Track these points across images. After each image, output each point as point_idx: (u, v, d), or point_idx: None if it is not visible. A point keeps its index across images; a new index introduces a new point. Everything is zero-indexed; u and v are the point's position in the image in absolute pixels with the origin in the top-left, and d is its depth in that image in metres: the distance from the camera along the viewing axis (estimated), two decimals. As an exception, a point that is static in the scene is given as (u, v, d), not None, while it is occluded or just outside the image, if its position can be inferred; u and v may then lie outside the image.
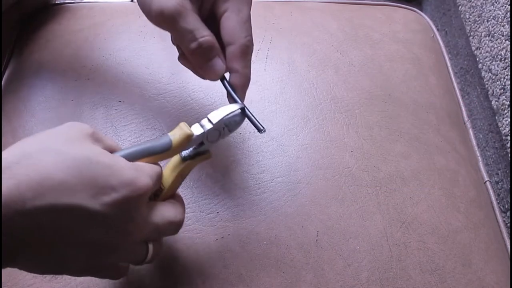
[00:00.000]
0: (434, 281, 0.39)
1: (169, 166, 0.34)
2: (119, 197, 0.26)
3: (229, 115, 0.34)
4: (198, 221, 0.41)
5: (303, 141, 0.46)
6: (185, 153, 0.33)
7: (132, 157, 0.30)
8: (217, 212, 0.41)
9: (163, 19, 0.34)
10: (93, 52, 0.52)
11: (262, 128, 0.35)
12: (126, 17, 0.55)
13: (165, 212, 0.31)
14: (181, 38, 0.35)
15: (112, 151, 0.30)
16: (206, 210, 0.41)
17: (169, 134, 0.32)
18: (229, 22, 0.36)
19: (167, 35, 0.38)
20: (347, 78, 0.52)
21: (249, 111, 0.35)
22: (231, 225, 0.41)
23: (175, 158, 0.34)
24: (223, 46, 0.36)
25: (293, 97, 0.50)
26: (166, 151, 0.31)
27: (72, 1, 0.59)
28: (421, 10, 0.64)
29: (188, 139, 0.32)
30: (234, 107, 0.34)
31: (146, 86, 0.49)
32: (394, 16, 0.61)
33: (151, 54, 0.52)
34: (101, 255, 0.28)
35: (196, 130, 0.33)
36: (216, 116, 0.33)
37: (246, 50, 0.36)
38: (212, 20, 0.37)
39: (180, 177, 0.33)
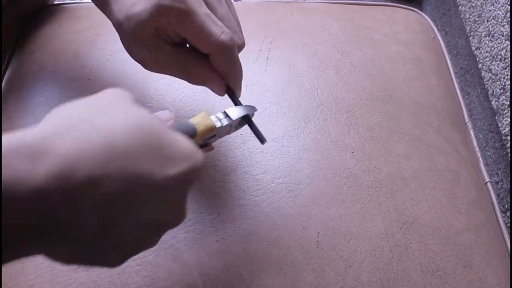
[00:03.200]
0: (435, 282, 0.39)
1: None
2: (182, 169, 0.24)
3: (246, 115, 0.34)
4: (198, 222, 0.41)
5: (304, 142, 0.46)
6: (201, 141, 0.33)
7: None
8: (218, 213, 0.41)
9: (164, 16, 0.31)
10: (94, 52, 0.51)
11: (264, 139, 0.35)
12: (126, 17, 0.55)
13: None
14: (203, 31, 0.31)
15: None
16: (206, 211, 0.41)
17: (192, 122, 0.31)
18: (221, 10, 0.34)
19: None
20: (348, 79, 0.52)
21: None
22: (231, 226, 0.41)
23: None
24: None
25: (294, 98, 0.50)
26: (191, 139, 0.31)
27: (73, 1, 0.59)
28: (421, 10, 0.64)
29: (211, 131, 0.32)
30: (252, 109, 0.35)
31: (146, 86, 0.49)
32: (395, 16, 0.61)
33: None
34: (152, 235, 0.26)
35: (216, 122, 0.32)
36: (235, 112, 0.33)
37: (230, 50, 0.33)
38: None
39: None
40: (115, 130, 0.21)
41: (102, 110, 0.23)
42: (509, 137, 0.68)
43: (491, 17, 0.76)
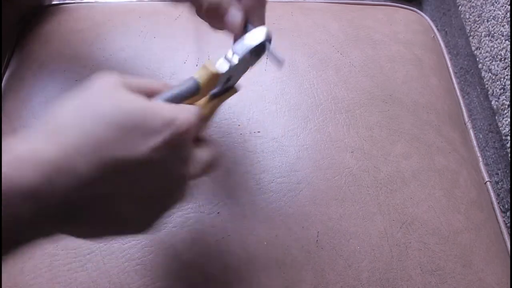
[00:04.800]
0: (434, 281, 0.39)
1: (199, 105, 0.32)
2: (164, 137, 0.25)
3: (255, 46, 0.31)
4: (198, 222, 0.41)
5: (304, 142, 0.46)
6: (212, 91, 0.32)
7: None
8: (218, 213, 0.41)
9: None
10: (93, 52, 0.51)
11: (281, 60, 0.32)
12: (126, 17, 0.55)
13: (206, 151, 0.30)
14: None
15: (149, 93, 0.29)
16: (206, 210, 0.41)
17: (195, 76, 0.30)
18: None
19: (167, 35, 0.38)
20: (348, 79, 0.52)
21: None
22: (231, 225, 0.41)
23: (203, 98, 0.32)
24: None
25: (293, 98, 0.50)
26: (195, 95, 0.30)
27: (72, 1, 0.59)
28: (421, 10, 0.64)
29: (215, 79, 0.30)
30: (261, 34, 0.31)
31: (146, 86, 0.49)
32: (395, 16, 0.61)
33: (151, 54, 0.52)
34: (162, 203, 0.28)
35: (222, 66, 0.31)
36: (241, 47, 0.31)
37: (261, 1, 0.34)
38: None
39: (208, 117, 0.32)
40: (93, 125, 0.24)
41: (86, 108, 0.25)
42: (509, 137, 0.68)
43: (491, 17, 0.76)
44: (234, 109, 0.47)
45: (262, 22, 0.35)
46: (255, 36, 0.31)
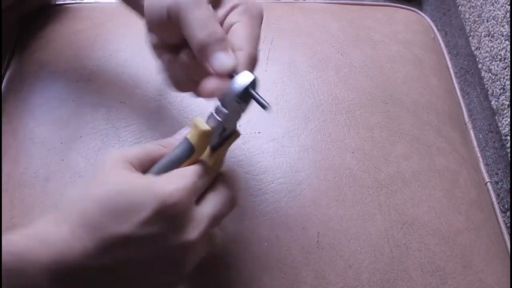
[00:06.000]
0: (435, 282, 0.40)
1: (202, 159, 0.32)
2: (153, 212, 0.27)
3: (247, 88, 0.30)
4: (199, 222, 0.41)
5: (304, 142, 0.46)
6: (212, 142, 0.32)
7: (162, 173, 0.30)
8: (218, 213, 0.41)
9: (175, 12, 0.31)
10: (94, 52, 0.51)
11: (267, 105, 0.30)
12: (126, 17, 0.55)
13: (215, 197, 0.31)
14: (191, 28, 0.31)
15: (148, 162, 0.31)
16: (207, 211, 0.41)
17: (188, 136, 0.31)
18: (242, 30, 0.33)
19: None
20: (348, 79, 0.52)
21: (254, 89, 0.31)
22: (232, 226, 0.41)
23: (206, 151, 0.32)
24: None
25: (294, 98, 0.50)
26: (192, 155, 0.31)
27: (73, 2, 0.59)
28: (421, 10, 0.64)
29: (207, 136, 0.30)
30: (245, 80, 0.30)
31: (147, 86, 0.49)
32: (395, 16, 0.61)
33: (151, 55, 0.51)
34: (175, 270, 0.30)
35: (212, 121, 0.30)
36: (228, 97, 0.30)
37: (253, 61, 0.33)
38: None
39: (216, 167, 0.32)
40: (85, 208, 0.27)
41: (86, 195, 0.28)
42: (509, 137, 0.68)
43: (491, 17, 0.76)
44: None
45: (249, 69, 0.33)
46: (240, 83, 0.30)
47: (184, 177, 0.29)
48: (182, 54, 0.34)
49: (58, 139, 0.45)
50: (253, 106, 0.34)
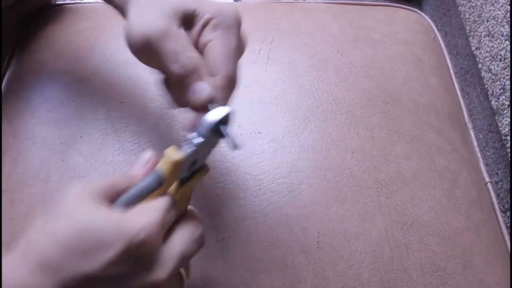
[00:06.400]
0: (435, 282, 0.40)
1: (169, 192, 0.31)
2: (120, 250, 0.26)
3: (218, 124, 0.30)
4: (199, 223, 0.41)
5: (304, 142, 0.46)
6: (181, 175, 0.31)
7: (129, 204, 0.29)
8: (218, 214, 0.41)
9: (148, 45, 0.31)
10: (94, 53, 0.51)
11: (238, 144, 0.30)
12: (126, 17, 0.55)
13: (183, 235, 0.30)
14: (164, 61, 0.31)
15: (115, 194, 0.29)
16: (206, 211, 0.41)
17: (157, 167, 0.30)
18: (215, 51, 0.32)
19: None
20: (348, 79, 0.52)
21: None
22: (232, 226, 0.41)
23: (174, 185, 0.31)
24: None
25: (294, 98, 0.50)
26: (160, 187, 0.29)
27: (73, 2, 0.59)
28: (421, 10, 0.64)
29: (177, 167, 0.29)
30: (220, 114, 0.30)
31: (146, 87, 0.49)
32: (395, 16, 0.61)
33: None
34: None
35: (185, 150, 0.29)
36: (202, 128, 0.30)
37: (231, 83, 0.32)
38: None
39: (183, 201, 0.32)
40: (47, 247, 0.26)
41: (47, 233, 0.27)
42: (509, 137, 0.68)
43: (491, 17, 0.76)
44: (234, 109, 0.47)
45: (226, 103, 0.33)
46: (215, 116, 0.30)
47: (151, 213, 0.28)
48: (164, 82, 0.34)
49: (58, 139, 0.45)
50: (254, 107, 0.34)
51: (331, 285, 0.38)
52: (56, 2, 0.59)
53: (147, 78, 0.49)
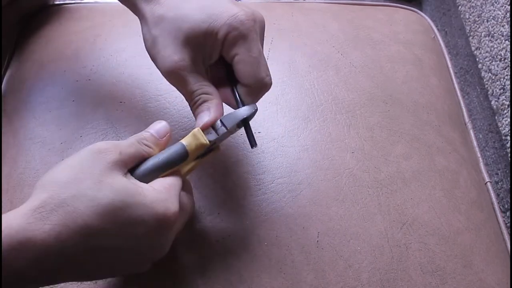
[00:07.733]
0: (435, 282, 0.40)
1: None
2: (152, 229, 0.29)
3: (243, 121, 0.34)
4: (199, 222, 0.41)
5: (304, 142, 0.46)
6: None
7: (153, 173, 0.32)
8: (218, 213, 0.41)
9: (167, 78, 0.36)
10: (94, 52, 0.51)
11: (255, 144, 0.35)
12: (126, 17, 0.55)
13: (183, 208, 0.34)
14: (182, 92, 0.36)
15: (134, 160, 0.32)
16: (207, 211, 0.41)
17: (184, 142, 0.33)
18: (241, 65, 0.34)
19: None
20: (348, 79, 0.52)
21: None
22: (232, 226, 0.41)
23: None
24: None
25: (294, 98, 0.50)
26: (183, 162, 0.33)
27: (73, 2, 0.59)
28: (421, 10, 0.64)
29: (203, 148, 0.33)
30: (250, 110, 0.35)
31: (146, 86, 0.49)
32: (395, 17, 0.61)
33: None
34: (146, 262, 0.32)
35: (210, 135, 0.34)
36: (230, 120, 0.34)
37: (260, 88, 0.36)
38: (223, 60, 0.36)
39: (189, 173, 0.35)
40: (89, 214, 0.27)
41: (82, 189, 0.28)
42: (509, 137, 0.68)
43: (491, 17, 0.76)
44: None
45: (255, 102, 0.36)
46: (242, 114, 0.34)
47: (183, 199, 0.33)
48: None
49: (58, 139, 0.45)
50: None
51: (330, 285, 0.38)
52: (56, 2, 0.59)
53: (147, 78, 0.49)
